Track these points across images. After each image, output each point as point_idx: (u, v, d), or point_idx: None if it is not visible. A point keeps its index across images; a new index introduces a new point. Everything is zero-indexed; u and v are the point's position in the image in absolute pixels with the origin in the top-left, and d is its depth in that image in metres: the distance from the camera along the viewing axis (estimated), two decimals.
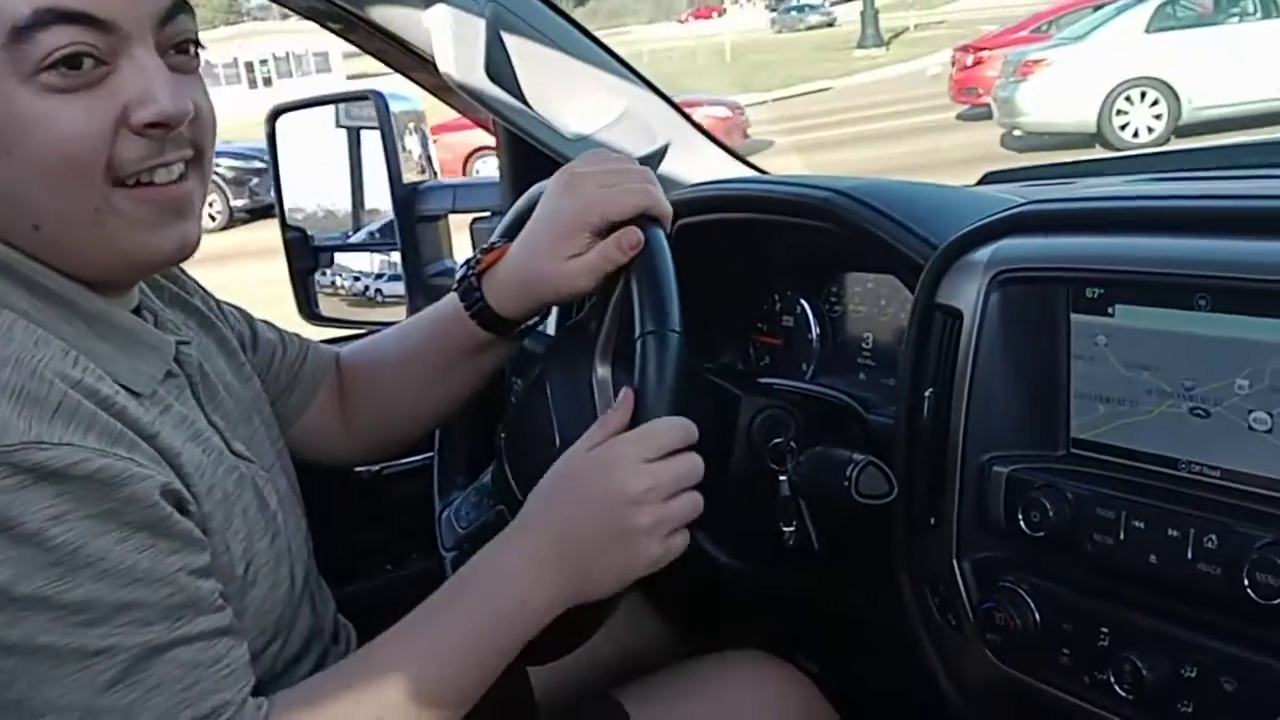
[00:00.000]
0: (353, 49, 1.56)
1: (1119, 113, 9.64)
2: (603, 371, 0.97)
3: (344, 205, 1.80)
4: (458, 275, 1.06)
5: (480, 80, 1.34)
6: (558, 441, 0.97)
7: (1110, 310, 0.84)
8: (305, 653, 0.95)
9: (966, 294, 0.92)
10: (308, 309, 1.77)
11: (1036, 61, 10.01)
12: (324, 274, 1.85)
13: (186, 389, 0.89)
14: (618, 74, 1.45)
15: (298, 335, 1.16)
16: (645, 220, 0.94)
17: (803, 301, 1.30)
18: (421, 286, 1.68)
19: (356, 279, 1.87)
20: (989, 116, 10.77)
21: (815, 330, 1.29)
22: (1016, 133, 10.41)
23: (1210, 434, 0.78)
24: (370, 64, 1.86)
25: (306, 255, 1.77)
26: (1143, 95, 9.60)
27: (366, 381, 1.13)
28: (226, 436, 0.90)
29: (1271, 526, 0.71)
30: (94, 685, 0.72)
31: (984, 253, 0.93)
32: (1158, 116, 9.51)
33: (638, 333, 0.88)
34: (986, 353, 0.90)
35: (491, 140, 1.62)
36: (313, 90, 1.75)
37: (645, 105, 1.45)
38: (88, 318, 0.81)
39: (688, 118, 1.50)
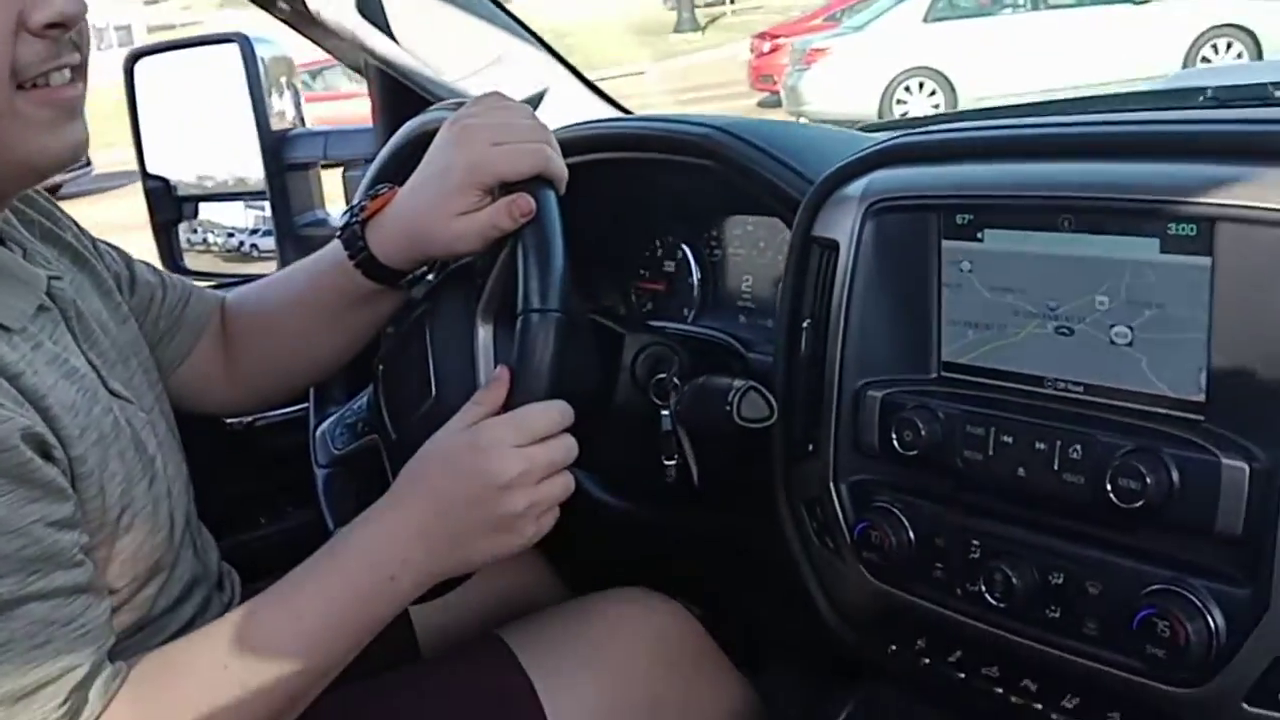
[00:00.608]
0: (158, 22, 1.50)
1: (899, 102, 9.64)
2: (484, 333, 0.95)
3: (210, 154, 1.73)
4: (341, 222, 1.02)
5: (351, 17, 1.30)
6: (434, 392, 0.96)
7: (979, 235, 0.86)
8: (187, 597, 0.92)
9: (842, 226, 0.94)
10: (171, 262, 1.71)
11: (819, 50, 9.96)
12: (195, 231, 1.78)
13: (61, 325, 0.85)
14: (492, 17, 1.43)
15: (181, 279, 1.11)
16: (539, 183, 0.91)
17: (683, 247, 1.31)
18: (292, 238, 1.63)
19: (230, 235, 1.80)
20: None
21: (696, 275, 1.30)
22: (803, 120, 10.38)
23: (1074, 351, 0.81)
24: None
25: (169, 206, 1.70)
26: (920, 85, 9.65)
27: (251, 329, 1.10)
28: (104, 375, 0.86)
29: (1132, 436, 0.75)
30: None
31: (858, 185, 0.94)
32: (935, 106, 9.52)
33: (520, 308, 0.86)
34: (862, 282, 0.92)
35: None
36: (116, 65, 1.67)
37: (521, 49, 1.44)
38: None
39: (564, 61, 1.48)
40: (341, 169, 1.61)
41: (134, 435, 0.86)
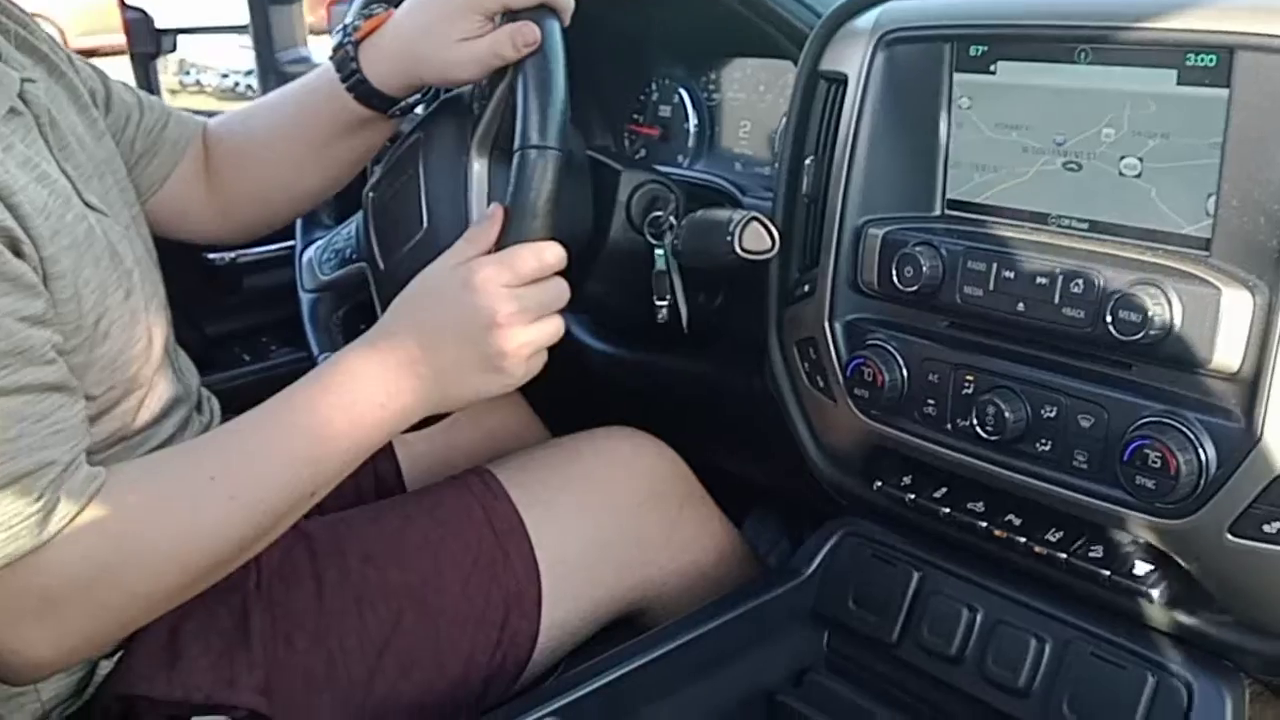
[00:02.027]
0: None
1: None
2: (479, 166, 0.93)
3: None
4: (333, 43, 0.98)
5: None
6: (424, 222, 0.94)
7: (992, 68, 0.84)
8: (167, 415, 0.92)
9: (852, 59, 0.92)
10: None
11: None
12: (188, 72, 1.74)
13: (34, 130, 0.82)
14: None
15: (160, 101, 1.08)
16: (544, 11, 0.87)
17: (681, 90, 1.28)
18: (276, 74, 1.59)
19: (224, 75, 1.75)
20: None
21: (693, 120, 1.27)
22: None
23: (1082, 187, 0.80)
24: None
25: (148, 37, 1.65)
26: None
27: (234, 156, 1.06)
28: (78, 186, 0.84)
29: (1135, 270, 0.74)
30: None
31: (869, 17, 0.92)
32: None
33: (517, 144, 0.84)
34: (869, 117, 0.90)
35: None
36: None
37: None
38: None
39: None
40: (328, 3, 1.56)
41: (110, 246, 0.84)
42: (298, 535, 0.96)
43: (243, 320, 1.43)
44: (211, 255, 1.38)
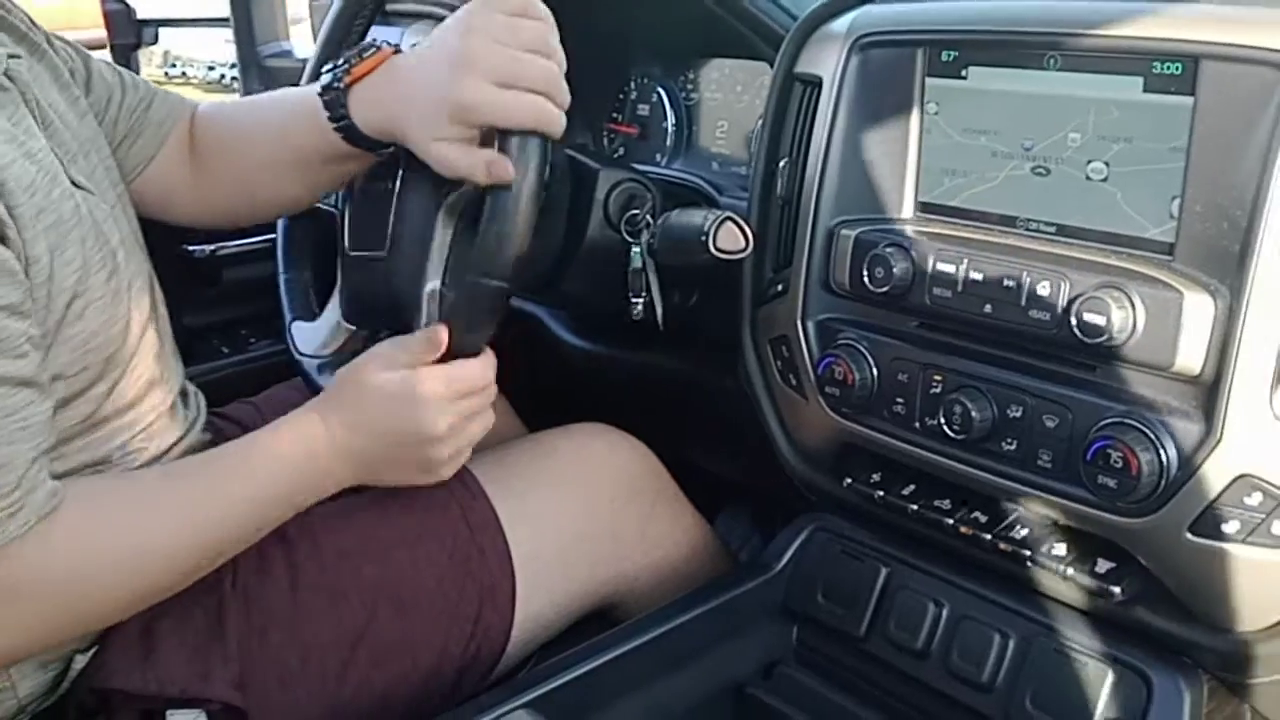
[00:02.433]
0: None
1: None
2: (442, 232, 0.95)
3: None
4: (323, 80, 0.95)
5: None
6: (385, 248, 0.97)
7: (963, 73, 0.85)
8: (142, 398, 0.92)
9: (826, 62, 0.93)
10: None
11: None
12: (174, 65, 1.73)
13: (21, 106, 0.82)
14: None
15: (144, 81, 1.08)
16: (529, 137, 0.84)
17: (660, 89, 1.29)
18: (257, 68, 1.59)
19: (211, 67, 1.75)
20: None
21: (671, 119, 1.28)
22: None
23: (1050, 191, 0.81)
24: None
25: (128, 29, 1.64)
26: None
27: (222, 146, 1.06)
28: (65, 164, 0.84)
29: (1100, 273, 0.76)
30: None
31: (844, 21, 0.93)
32: None
33: (470, 274, 0.86)
34: (843, 120, 0.92)
35: None
36: None
37: None
38: None
39: None
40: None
41: (95, 225, 0.84)
42: (273, 531, 0.97)
43: (222, 313, 1.43)
44: (191, 247, 1.38)
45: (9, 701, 0.84)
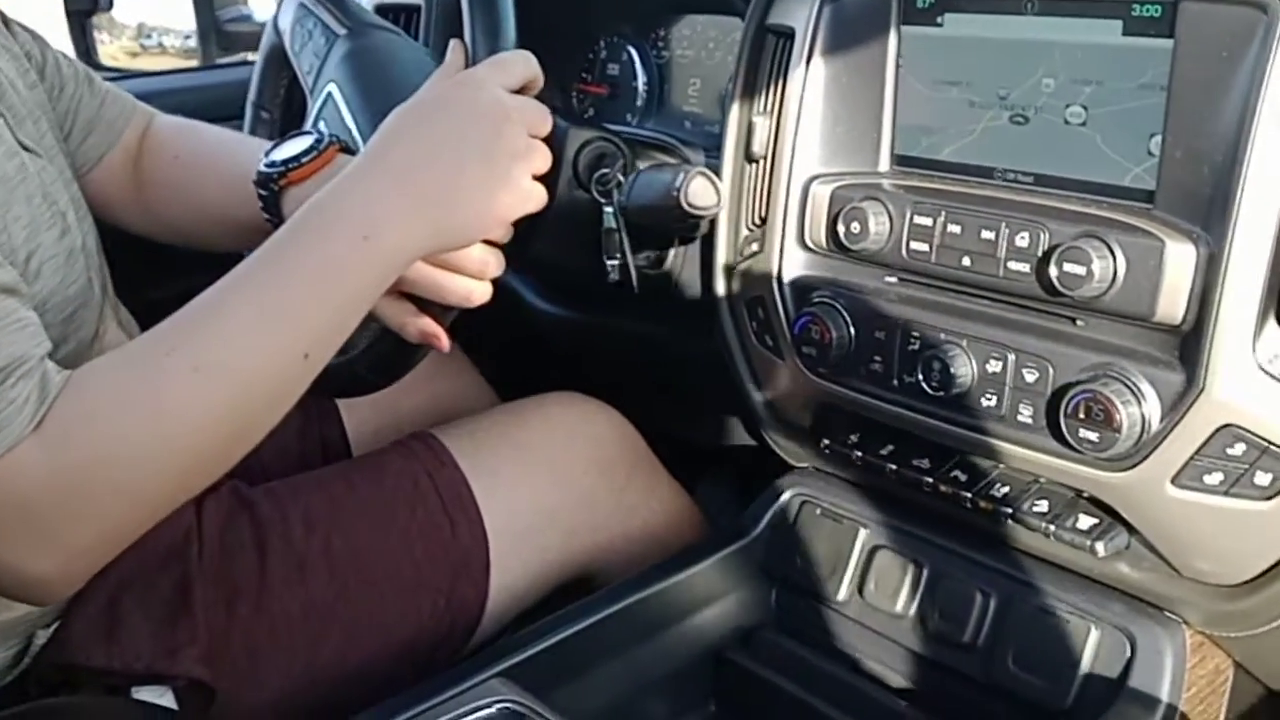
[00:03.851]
0: None
1: None
2: None
3: None
4: (261, 165, 0.91)
5: None
6: None
7: (939, 20, 0.83)
8: None
9: (799, 13, 0.90)
10: (86, 57, 1.61)
11: None
12: (149, 36, 1.69)
13: None
14: None
15: (98, 78, 1.05)
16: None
17: (630, 48, 1.26)
18: (215, 34, 1.55)
19: (187, 37, 1.70)
20: None
21: (642, 78, 1.26)
22: None
23: (1028, 140, 0.79)
24: None
25: None
26: None
27: (170, 172, 1.04)
28: (11, 124, 0.81)
29: (1079, 223, 0.74)
30: None
31: None
32: None
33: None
34: (817, 73, 0.89)
35: None
36: None
37: None
38: None
39: None
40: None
41: (42, 185, 0.81)
42: (241, 503, 0.95)
43: (184, 283, 1.40)
44: None
45: None
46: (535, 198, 0.78)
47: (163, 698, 0.86)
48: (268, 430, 0.73)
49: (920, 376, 0.82)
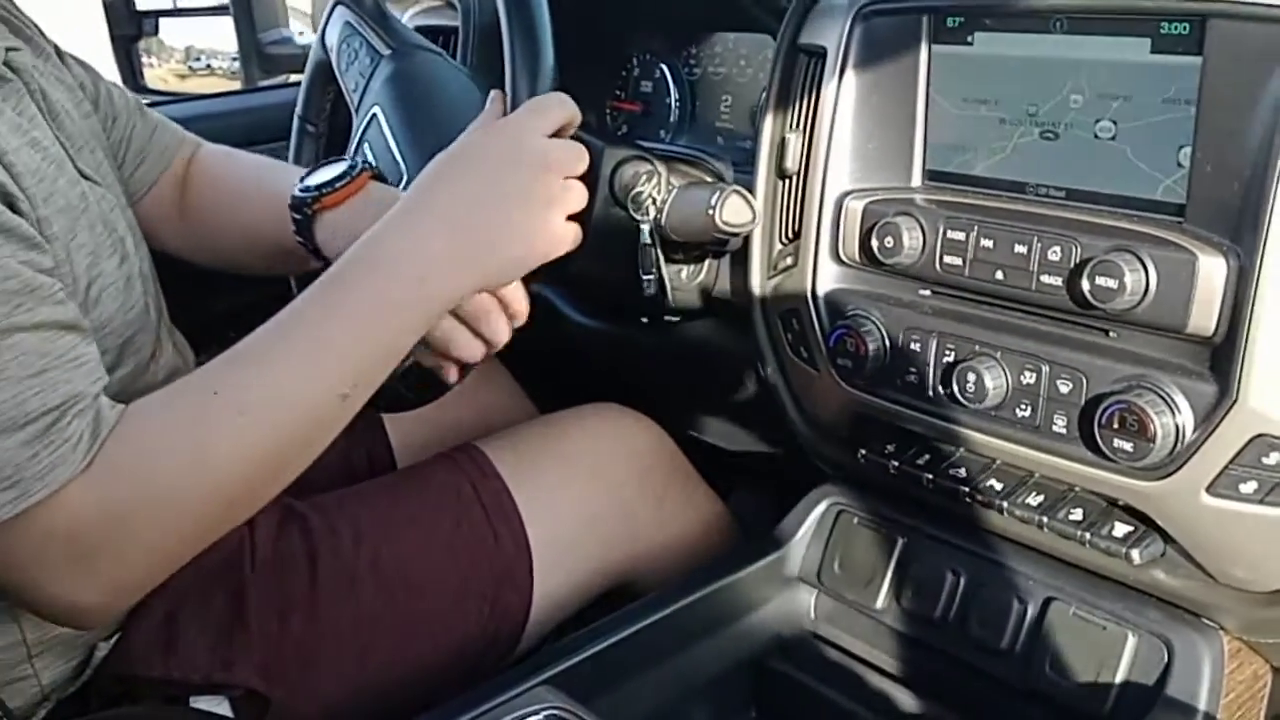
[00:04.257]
0: None
1: None
2: None
3: None
4: (296, 190, 0.95)
5: None
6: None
7: (970, 39, 0.85)
8: (162, 385, 0.92)
9: (830, 32, 0.92)
10: (132, 80, 1.65)
11: None
12: (197, 59, 1.74)
13: (25, 98, 0.82)
14: None
15: (150, 109, 1.09)
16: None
17: (662, 66, 1.28)
18: (257, 56, 1.58)
19: (234, 59, 1.74)
20: None
21: (675, 95, 1.27)
22: None
23: (1059, 155, 0.81)
24: None
25: (128, 20, 1.64)
26: None
27: (212, 197, 1.08)
28: (71, 153, 0.84)
29: (1111, 237, 0.75)
30: None
31: None
32: None
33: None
34: (849, 90, 0.91)
35: None
36: None
37: None
38: None
39: None
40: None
41: (102, 214, 0.84)
42: (291, 516, 0.97)
43: (233, 299, 1.43)
44: None
45: (32, 690, 0.85)
46: (570, 239, 0.82)
47: (220, 707, 0.88)
48: (303, 469, 0.77)
49: (955, 388, 0.83)
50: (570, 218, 0.82)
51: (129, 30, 1.64)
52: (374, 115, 1.03)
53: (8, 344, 0.68)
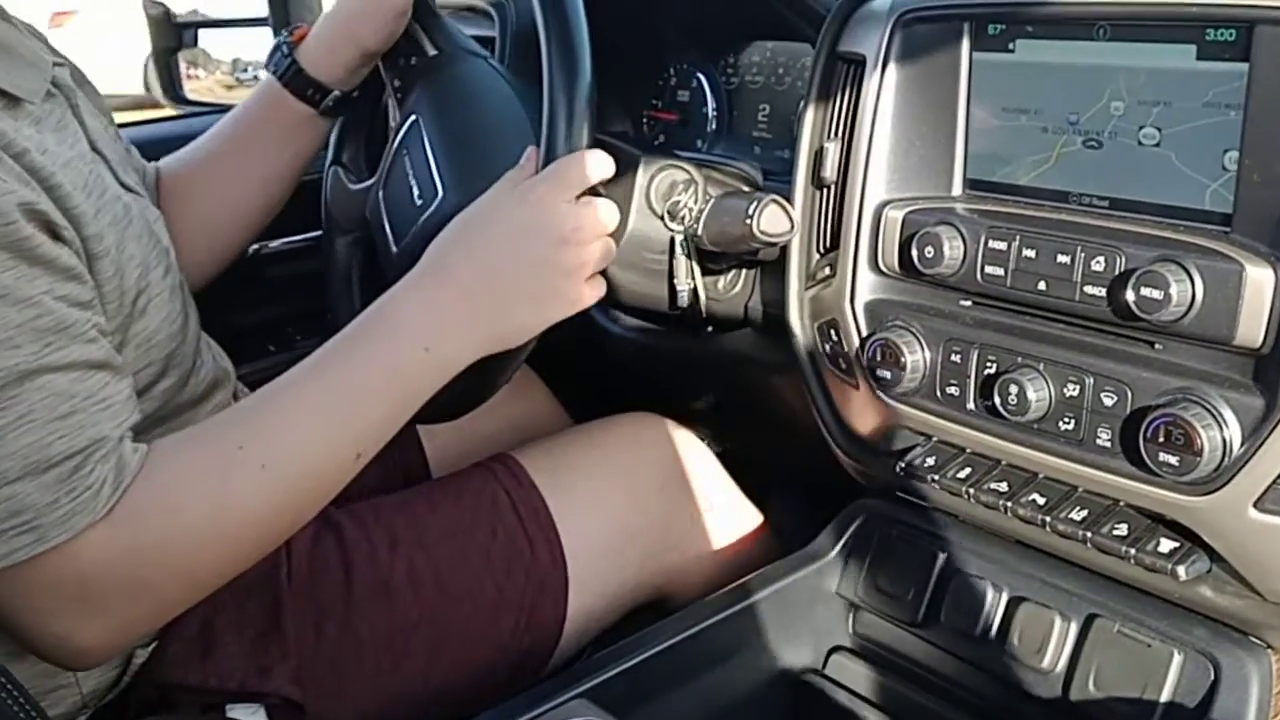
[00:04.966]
0: None
1: None
2: None
3: None
4: (269, 58, 1.07)
5: None
6: (439, 192, 0.96)
7: (1011, 46, 0.84)
8: (207, 398, 0.93)
9: (870, 40, 0.91)
10: (172, 91, 1.67)
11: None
12: (245, 70, 1.77)
13: (69, 112, 0.84)
14: None
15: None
16: None
17: (699, 75, 1.28)
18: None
19: None
20: None
21: (712, 104, 1.27)
22: None
23: (1104, 164, 0.80)
24: None
25: (169, 33, 1.66)
26: None
27: (181, 189, 1.09)
28: (114, 168, 0.85)
29: (1156, 247, 0.74)
30: None
31: None
32: None
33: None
34: (888, 99, 0.90)
35: None
36: None
37: None
38: None
39: None
40: None
41: (147, 224, 0.85)
42: (327, 525, 0.98)
43: (267, 311, 1.44)
44: None
45: (72, 698, 0.85)
46: (588, 299, 0.84)
47: (255, 715, 0.89)
48: (310, 519, 0.81)
49: (996, 400, 0.82)
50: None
51: (169, 43, 1.65)
52: (414, 122, 1.03)
53: (36, 385, 0.69)
